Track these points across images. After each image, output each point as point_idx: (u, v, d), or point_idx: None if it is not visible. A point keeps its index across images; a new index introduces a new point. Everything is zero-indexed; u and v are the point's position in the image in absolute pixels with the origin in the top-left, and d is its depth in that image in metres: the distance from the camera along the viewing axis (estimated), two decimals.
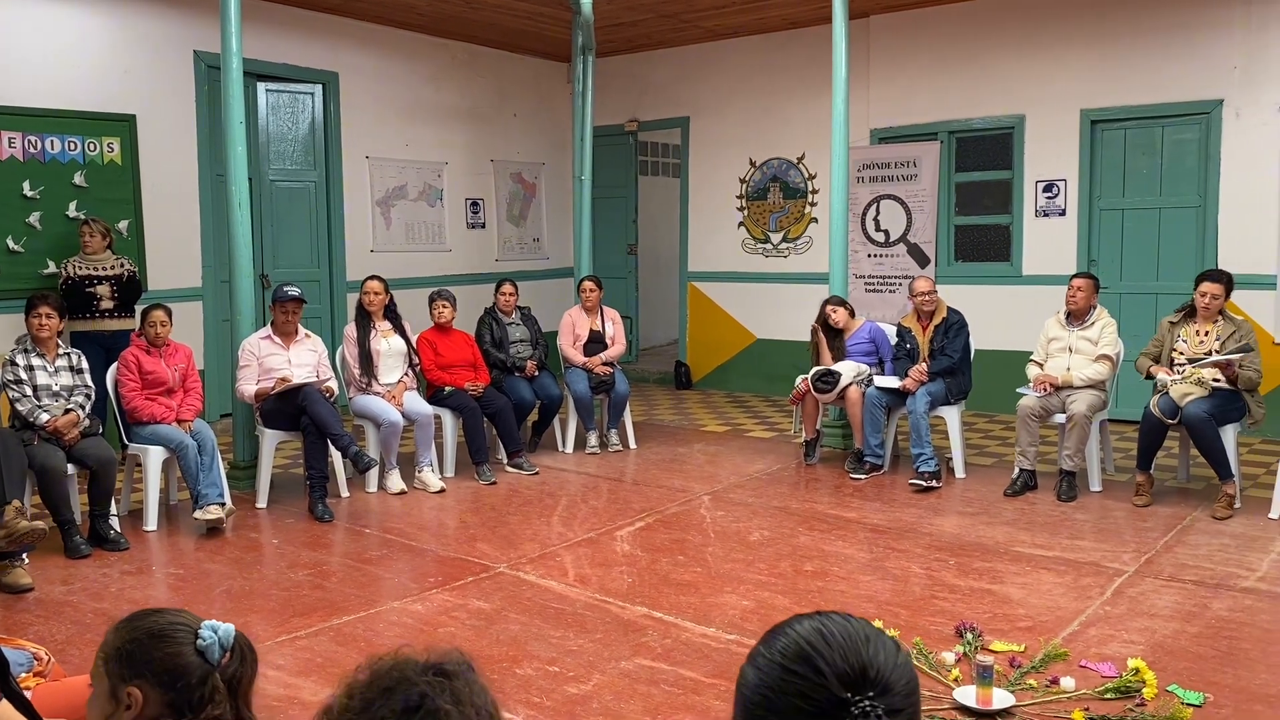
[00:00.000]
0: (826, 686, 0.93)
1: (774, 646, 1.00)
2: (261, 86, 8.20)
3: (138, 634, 1.63)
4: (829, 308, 6.89)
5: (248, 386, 5.98)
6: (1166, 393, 5.68)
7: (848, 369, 6.67)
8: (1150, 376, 5.87)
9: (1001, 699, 3.44)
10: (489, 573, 4.83)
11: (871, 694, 0.93)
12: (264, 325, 6.26)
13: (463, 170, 9.82)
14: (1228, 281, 5.73)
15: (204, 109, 7.73)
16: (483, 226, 10.08)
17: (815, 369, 6.77)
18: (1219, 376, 5.54)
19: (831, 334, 6.92)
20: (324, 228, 8.67)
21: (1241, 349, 5.53)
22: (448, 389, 6.72)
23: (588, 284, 7.67)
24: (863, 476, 6.47)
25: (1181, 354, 5.75)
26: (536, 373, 7.22)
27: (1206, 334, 5.70)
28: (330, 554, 5.22)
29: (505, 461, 6.86)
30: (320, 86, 8.55)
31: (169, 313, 5.74)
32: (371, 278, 6.67)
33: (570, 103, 9.63)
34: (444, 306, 6.91)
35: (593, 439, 7.36)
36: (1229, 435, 5.60)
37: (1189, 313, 5.81)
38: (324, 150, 8.62)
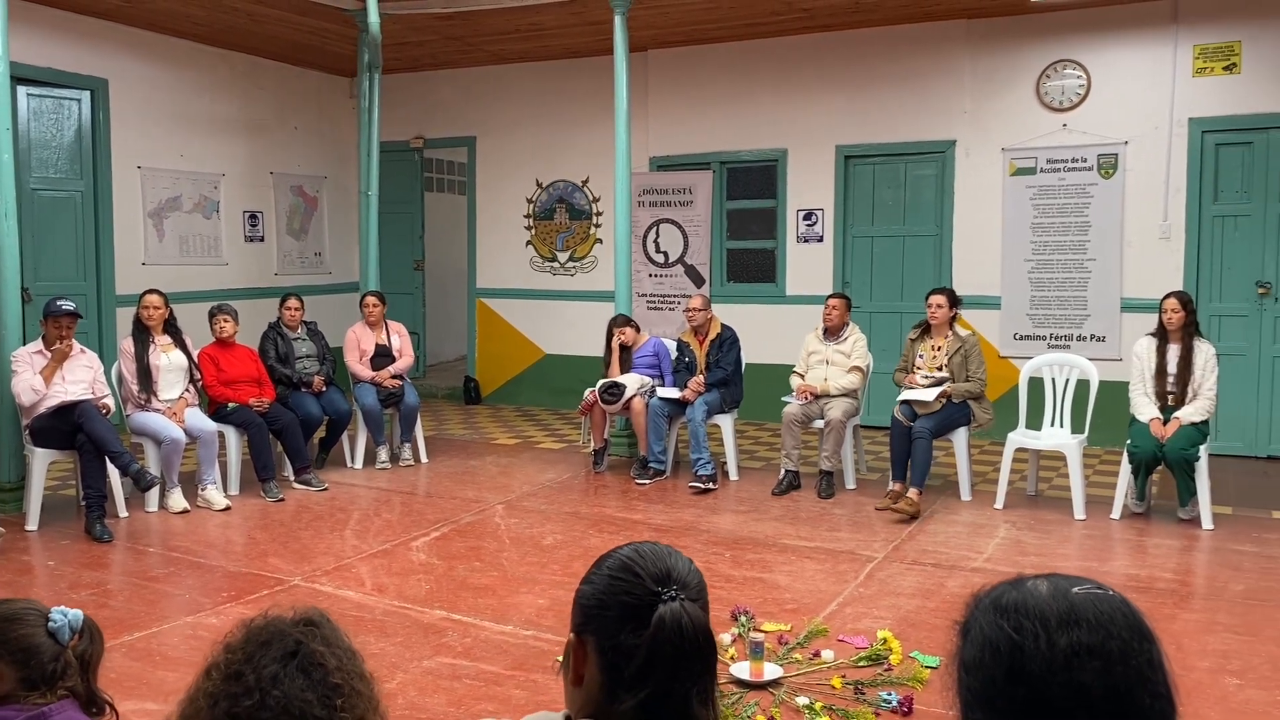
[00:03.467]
0: (643, 584, 1.27)
1: (603, 566, 1.33)
2: (22, 90, 7.74)
3: None
4: (618, 329, 7.28)
5: (30, 377, 5.62)
6: (908, 400, 6.41)
7: (632, 381, 7.07)
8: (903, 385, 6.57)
9: (771, 671, 3.86)
10: (284, 586, 4.86)
11: (675, 587, 1.27)
12: (30, 341, 5.96)
13: (241, 182, 9.59)
14: (950, 294, 6.55)
15: None
16: (261, 240, 9.87)
17: (602, 381, 7.14)
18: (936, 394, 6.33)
19: (622, 350, 7.31)
20: (91, 239, 8.27)
21: (937, 381, 6.32)
22: (231, 405, 6.62)
23: (370, 299, 7.72)
24: (647, 481, 6.88)
25: (920, 368, 6.50)
26: (324, 388, 7.21)
27: (938, 349, 6.47)
28: (112, 574, 5.08)
29: (293, 478, 6.82)
30: (88, 93, 8.17)
31: None
32: (150, 291, 6.49)
33: (353, 117, 9.62)
34: (225, 321, 6.81)
35: (383, 453, 7.40)
36: (960, 439, 6.38)
37: (926, 328, 6.58)
38: (91, 159, 8.23)
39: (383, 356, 7.58)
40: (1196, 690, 3.79)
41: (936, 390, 6.28)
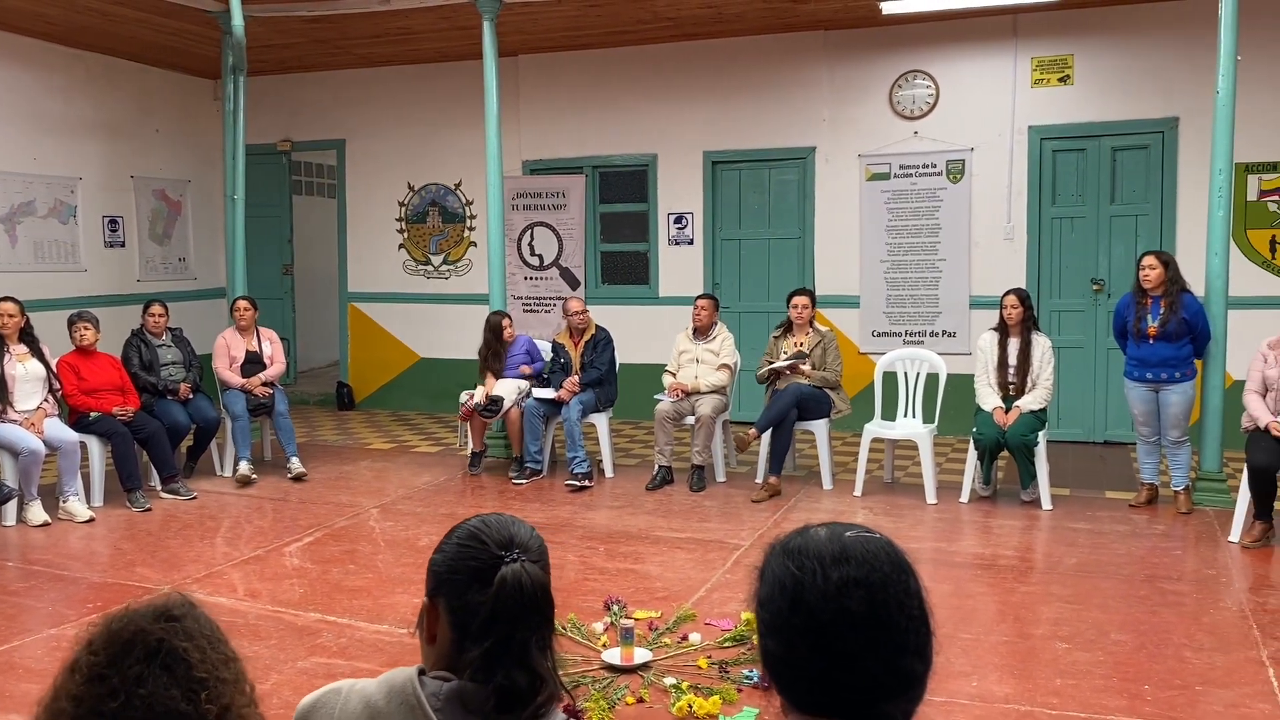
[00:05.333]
0: (488, 550, 1.41)
1: (452, 536, 1.46)
2: None
3: None
4: (505, 320, 7.36)
5: None
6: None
7: (509, 390, 7.13)
8: (765, 380, 6.86)
9: (641, 655, 4.04)
10: (152, 595, 4.79)
11: (517, 550, 1.42)
12: None
13: (99, 186, 9.29)
14: (810, 294, 6.90)
15: None
16: (122, 245, 9.58)
17: (478, 401, 7.11)
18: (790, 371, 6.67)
19: (500, 345, 7.36)
20: None
21: (797, 355, 6.65)
22: (93, 414, 6.46)
23: (241, 304, 7.61)
24: (524, 481, 6.99)
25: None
26: (190, 395, 7.08)
27: (800, 345, 6.79)
28: None
29: (160, 488, 6.69)
30: None
31: None
32: (4, 299, 6.28)
33: (218, 120, 9.42)
34: (85, 329, 6.64)
35: (244, 466, 7.11)
36: (821, 430, 6.69)
37: (788, 327, 6.89)
38: None
39: (253, 363, 7.48)
40: (1031, 654, 4.13)
41: (792, 361, 6.60)
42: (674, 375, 7.14)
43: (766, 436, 6.63)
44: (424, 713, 1.32)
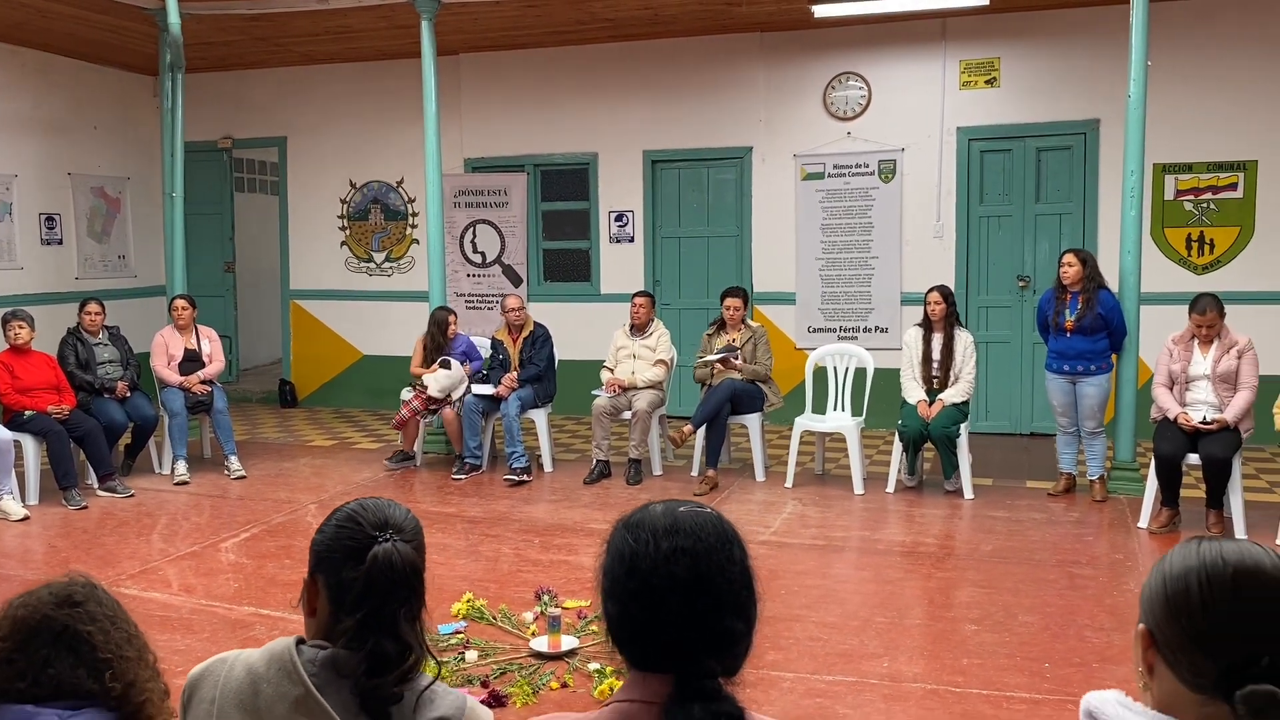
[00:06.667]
0: (363, 530, 1.53)
1: (330, 519, 1.58)
2: None
3: None
4: (451, 317, 7.44)
5: None
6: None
7: (454, 380, 7.19)
8: (704, 380, 7.01)
9: (568, 643, 4.17)
10: (55, 579, 4.81)
11: (390, 531, 1.54)
12: None
13: (35, 183, 9.21)
14: (743, 294, 7.06)
15: None
16: (60, 243, 9.51)
17: (430, 396, 7.20)
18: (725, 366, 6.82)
19: (443, 339, 7.44)
20: None
21: (728, 349, 6.83)
22: (28, 413, 6.44)
23: (179, 303, 7.61)
24: (463, 477, 7.08)
25: None
26: (128, 394, 7.08)
27: (732, 339, 6.94)
28: None
29: (96, 486, 6.69)
30: None
31: None
32: None
33: (157, 116, 9.38)
34: (20, 327, 6.62)
35: (181, 466, 7.10)
36: (754, 424, 6.86)
37: (721, 324, 7.04)
38: None
39: (192, 361, 7.48)
40: (941, 636, 4.32)
41: (723, 354, 6.77)
42: (611, 371, 7.26)
43: (702, 431, 6.78)
44: (299, 677, 1.44)
